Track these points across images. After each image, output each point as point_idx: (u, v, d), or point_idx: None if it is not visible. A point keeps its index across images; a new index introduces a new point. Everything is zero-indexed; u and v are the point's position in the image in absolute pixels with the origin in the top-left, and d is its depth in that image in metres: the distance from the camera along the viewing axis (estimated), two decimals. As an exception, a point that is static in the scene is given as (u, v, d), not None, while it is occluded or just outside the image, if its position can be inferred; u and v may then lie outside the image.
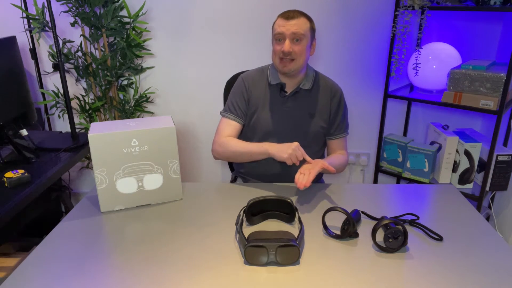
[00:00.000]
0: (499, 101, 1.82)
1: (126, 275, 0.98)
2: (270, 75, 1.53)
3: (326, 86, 1.54)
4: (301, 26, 1.39)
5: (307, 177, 1.25)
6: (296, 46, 1.40)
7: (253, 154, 1.43)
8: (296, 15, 1.39)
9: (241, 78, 1.57)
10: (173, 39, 2.36)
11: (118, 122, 1.29)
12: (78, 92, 2.44)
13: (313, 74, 1.54)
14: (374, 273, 0.98)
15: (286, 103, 1.51)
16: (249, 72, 1.59)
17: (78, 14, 2.17)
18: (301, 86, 1.50)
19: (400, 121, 2.47)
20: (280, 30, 1.39)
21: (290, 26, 1.38)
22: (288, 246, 1.00)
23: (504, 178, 2.00)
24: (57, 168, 1.61)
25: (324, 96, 1.53)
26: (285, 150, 1.31)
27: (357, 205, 1.31)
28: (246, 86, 1.54)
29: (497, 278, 0.96)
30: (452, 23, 2.22)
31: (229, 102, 1.57)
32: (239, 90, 1.55)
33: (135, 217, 1.24)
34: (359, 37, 2.31)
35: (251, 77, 1.55)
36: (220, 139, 1.50)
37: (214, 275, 0.97)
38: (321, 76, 1.57)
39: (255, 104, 1.53)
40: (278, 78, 1.51)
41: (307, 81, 1.50)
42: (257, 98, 1.53)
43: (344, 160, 1.57)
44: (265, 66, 1.58)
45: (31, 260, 1.04)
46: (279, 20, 1.41)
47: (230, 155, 1.49)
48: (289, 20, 1.38)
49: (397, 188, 1.43)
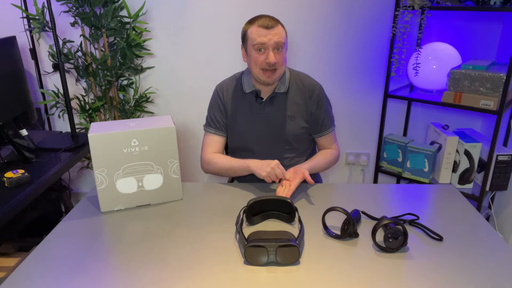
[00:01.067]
0: (499, 101, 1.82)
1: (126, 275, 0.98)
2: (244, 83, 1.52)
3: (303, 86, 1.52)
4: (281, 34, 1.38)
5: (287, 189, 1.31)
6: (278, 55, 1.39)
7: (237, 170, 1.45)
8: (273, 23, 1.37)
9: (215, 90, 1.57)
10: (173, 39, 2.36)
11: (118, 122, 1.29)
12: (78, 92, 2.44)
13: (287, 75, 1.52)
14: (374, 273, 0.98)
15: (264, 109, 1.51)
16: (223, 82, 1.58)
17: (78, 14, 2.17)
18: (276, 91, 1.49)
19: (400, 121, 2.47)
20: (261, 41, 1.36)
21: (272, 36, 1.36)
22: (288, 246, 1.00)
23: (504, 178, 1.99)
24: (57, 168, 1.61)
25: (301, 96, 1.52)
26: (264, 168, 1.33)
27: (357, 205, 1.31)
28: (221, 96, 1.55)
29: (497, 278, 0.96)
30: (452, 23, 2.22)
31: (208, 115, 1.58)
32: (215, 103, 1.56)
33: (135, 217, 1.24)
34: (359, 37, 2.31)
35: (225, 87, 1.55)
36: (206, 157, 1.53)
37: (214, 275, 0.97)
38: (295, 75, 1.54)
39: (233, 114, 1.53)
40: (252, 85, 1.50)
41: (282, 85, 1.49)
42: (234, 108, 1.53)
43: (333, 155, 1.58)
44: (238, 74, 1.57)
45: (31, 260, 1.04)
46: (257, 29, 1.37)
47: (217, 172, 1.52)
48: (270, 30, 1.36)
49: (397, 188, 1.43)
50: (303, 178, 1.33)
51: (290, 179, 1.34)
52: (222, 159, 1.50)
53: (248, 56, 1.45)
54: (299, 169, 1.35)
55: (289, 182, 1.33)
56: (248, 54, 1.44)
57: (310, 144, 1.61)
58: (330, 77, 2.39)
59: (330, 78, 2.40)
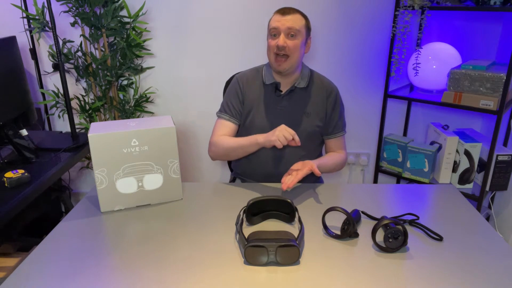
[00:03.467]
0: (499, 101, 1.82)
1: (126, 275, 0.98)
2: (264, 74, 1.53)
3: (322, 85, 1.54)
4: (296, 21, 1.39)
5: (293, 178, 1.27)
6: (290, 41, 1.39)
7: (245, 147, 1.43)
8: (292, 11, 1.40)
9: (235, 79, 1.57)
10: (173, 39, 2.36)
11: (118, 122, 1.29)
12: (78, 92, 2.44)
13: (308, 72, 1.53)
14: (374, 273, 0.98)
15: (281, 102, 1.51)
16: (244, 72, 1.59)
17: (78, 14, 2.17)
18: (296, 85, 1.49)
19: (400, 121, 2.47)
20: (275, 25, 1.40)
21: (285, 21, 1.38)
22: (288, 246, 1.00)
23: (504, 178, 2.00)
24: (57, 168, 1.61)
25: (319, 94, 1.52)
26: (272, 133, 1.31)
27: (357, 205, 1.31)
28: (241, 86, 1.54)
29: (497, 278, 0.96)
30: (452, 23, 2.22)
31: (224, 102, 1.57)
32: (233, 90, 1.55)
33: (135, 217, 1.24)
34: (359, 37, 2.31)
35: (246, 77, 1.55)
36: (213, 139, 1.51)
37: (214, 275, 0.97)
38: (316, 74, 1.56)
39: (250, 104, 1.53)
40: (272, 77, 1.51)
41: (302, 80, 1.50)
42: (252, 98, 1.53)
43: (341, 159, 1.57)
44: (260, 66, 1.58)
45: (31, 260, 1.04)
46: (275, 16, 1.42)
47: (224, 152, 1.49)
48: (285, 16, 1.39)
49: (397, 188, 1.43)
50: (311, 171, 1.31)
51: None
52: (230, 139, 1.48)
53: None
54: (308, 162, 1.34)
55: (296, 172, 1.30)
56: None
57: (319, 146, 1.61)
58: (330, 77, 2.37)
59: (330, 78, 2.36)
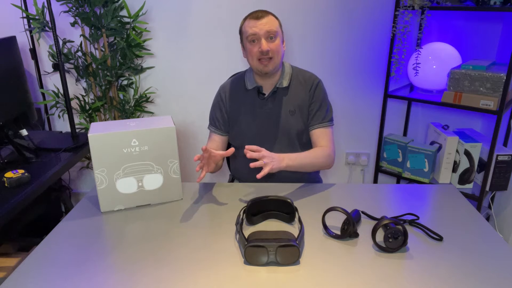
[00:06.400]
0: (499, 101, 1.82)
1: (126, 275, 0.98)
2: (246, 80, 1.54)
3: (304, 80, 1.53)
4: (272, 23, 1.40)
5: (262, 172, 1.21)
6: (272, 44, 1.40)
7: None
8: (264, 14, 1.41)
9: (218, 90, 1.60)
10: (173, 39, 2.36)
11: (118, 122, 1.29)
12: (78, 92, 2.44)
13: (289, 70, 1.53)
14: (374, 273, 0.98)
15: (266, 105, 1.51)
16: (225, 82, 1.61)
17: (78, 14, 2.17)
18: (278, 86, 1.50)
19: (400, 121, 2.47)
20: (252, 31, 1.39)
21: (262, 25, 1.38)
22: (288, 246, 1.00)
23: (504, 178, 1.99)
24: (57, 168, 1.61)
25: (302, 90, 1.52)
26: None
27: (357, 205, 1.31)
28: (222, 97, 1.57)
29: (497, 278, 0.96)
30: (452, 23, 2.21)
31: (210, 115, 1.61)
32: (216, 103, 1.59)
33: (135, 217, 1.24)
34: (359, 37, 2.31)
35: (227, 87, 1.58)
36: None
37: (214, 275, 0.97)
38: (298, 71, 1.55)
39: (235, 113, 1.54)
40: (254, 81, 1.51)
41: (284, 79, 1.50)
42: (236, 107, 1.54)
43: (322, 153, 1.46)
44: (241, 73, 1.59)
45: (31, 260, 1.04)
46: (248, 21, 1.42)
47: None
48: (260, 20, 1.39)
49: (397, 188, 1.43)
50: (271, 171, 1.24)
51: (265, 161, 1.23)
52: None
53: (245, 51, 1.47)
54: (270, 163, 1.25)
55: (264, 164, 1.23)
56: (245, 49, 1.47)
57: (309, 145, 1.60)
58: (330, 77, 2.39)
59: (330, 78, 2.39)
